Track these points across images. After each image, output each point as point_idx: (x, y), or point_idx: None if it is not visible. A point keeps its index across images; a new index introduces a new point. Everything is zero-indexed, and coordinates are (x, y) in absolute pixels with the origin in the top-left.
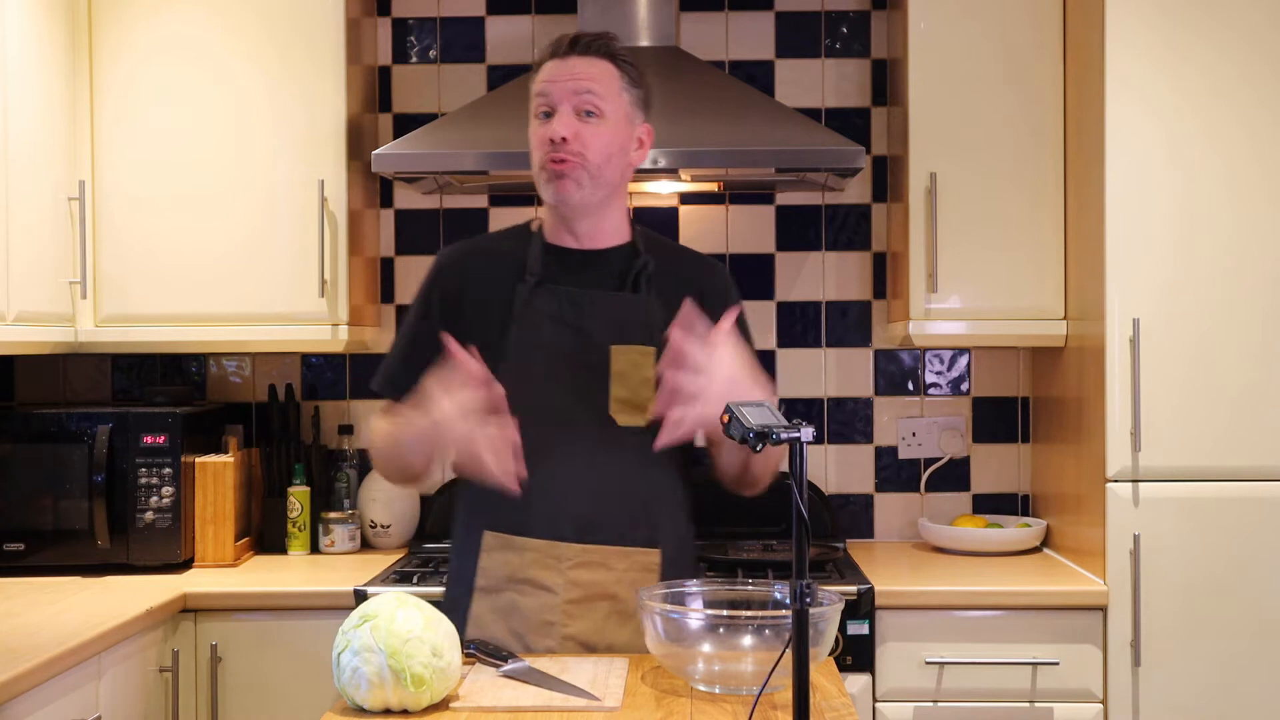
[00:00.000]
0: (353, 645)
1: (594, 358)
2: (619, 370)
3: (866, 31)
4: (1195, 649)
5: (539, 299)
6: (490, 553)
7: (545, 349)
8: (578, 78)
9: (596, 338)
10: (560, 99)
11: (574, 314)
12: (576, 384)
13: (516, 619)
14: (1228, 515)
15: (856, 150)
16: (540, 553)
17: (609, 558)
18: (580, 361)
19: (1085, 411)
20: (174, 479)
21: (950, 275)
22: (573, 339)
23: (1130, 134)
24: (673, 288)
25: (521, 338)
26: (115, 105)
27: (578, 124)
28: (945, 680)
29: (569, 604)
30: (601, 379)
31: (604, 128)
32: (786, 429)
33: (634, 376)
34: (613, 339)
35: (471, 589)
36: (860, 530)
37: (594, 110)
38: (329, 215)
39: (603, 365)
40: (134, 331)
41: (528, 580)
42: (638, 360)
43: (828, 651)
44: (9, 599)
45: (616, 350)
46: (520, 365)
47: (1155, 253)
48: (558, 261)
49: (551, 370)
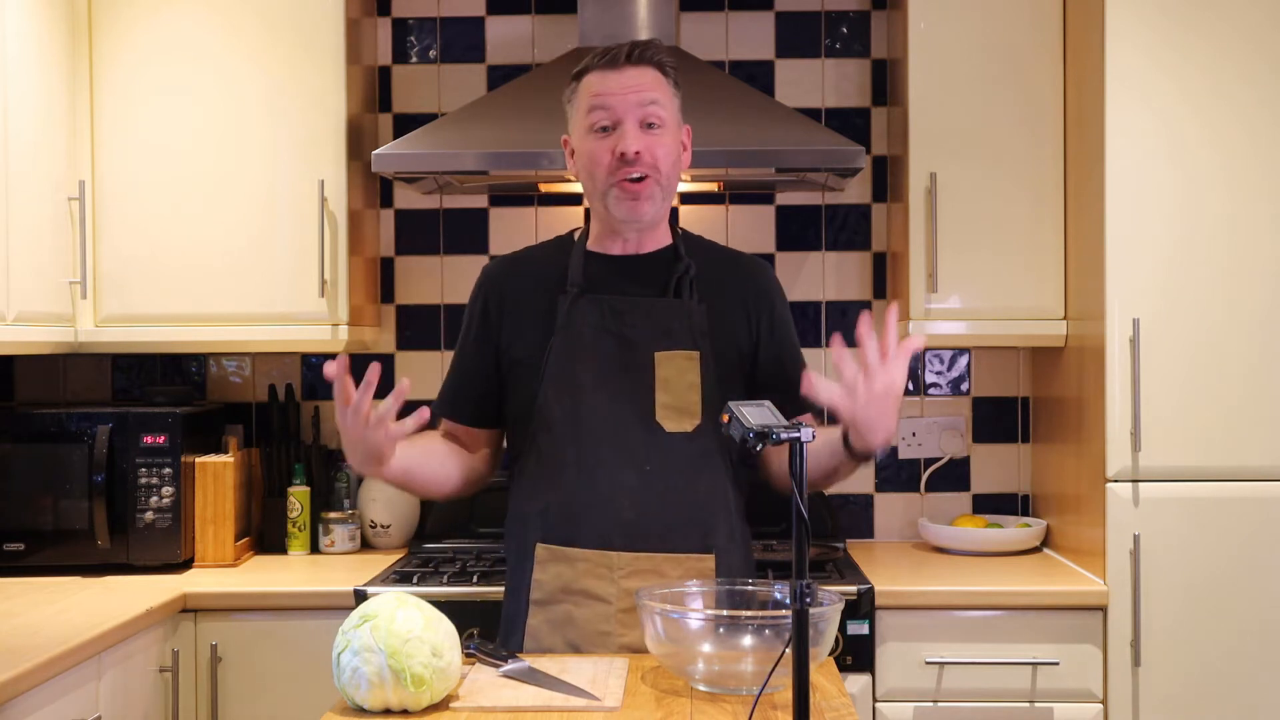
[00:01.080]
0: (353, 645)
1: (639, 365)
2: (664, 376)
3: (866, 31)
4: (1195, 649)
5: (581, 308)
6: (543, 565)
7: (590, 358)
8: (641, 89)
9: (640, 345)
10: (625, 112)
11: (617, 322)
12: (622, 392)
13: (572, 630)
14: (1228, 515)
15: (856, 150)
16: (592, 563)
17: (661, 565)
18: (625, 369)
19: (1085, 411)
20: (174, 479)
21: (950, 275)
22: (617, 347)
23: (1130, 134)
24: (716, 291)
25: (566, 347)
26: (115, 105)
27: (645, 136)
28: (945, 680)
29: (623, 613)
30: (647, 386)
31: (666, 136)
32: (786, 429)
33: (679, 382)
34: (657, 345)
35: (528, 603)
36: (860, 530)
37: (656, 121)
38: (329, 215)
39: (648, 372)
40: (134, 331)
41: (581, 591)
42: (683, 366)
43: (828, 651)
44: (9, 599)
45: (661, 357)
46: (565, 375)
47: (1155, 253)
48: (599, 269)
49: (597, 379)
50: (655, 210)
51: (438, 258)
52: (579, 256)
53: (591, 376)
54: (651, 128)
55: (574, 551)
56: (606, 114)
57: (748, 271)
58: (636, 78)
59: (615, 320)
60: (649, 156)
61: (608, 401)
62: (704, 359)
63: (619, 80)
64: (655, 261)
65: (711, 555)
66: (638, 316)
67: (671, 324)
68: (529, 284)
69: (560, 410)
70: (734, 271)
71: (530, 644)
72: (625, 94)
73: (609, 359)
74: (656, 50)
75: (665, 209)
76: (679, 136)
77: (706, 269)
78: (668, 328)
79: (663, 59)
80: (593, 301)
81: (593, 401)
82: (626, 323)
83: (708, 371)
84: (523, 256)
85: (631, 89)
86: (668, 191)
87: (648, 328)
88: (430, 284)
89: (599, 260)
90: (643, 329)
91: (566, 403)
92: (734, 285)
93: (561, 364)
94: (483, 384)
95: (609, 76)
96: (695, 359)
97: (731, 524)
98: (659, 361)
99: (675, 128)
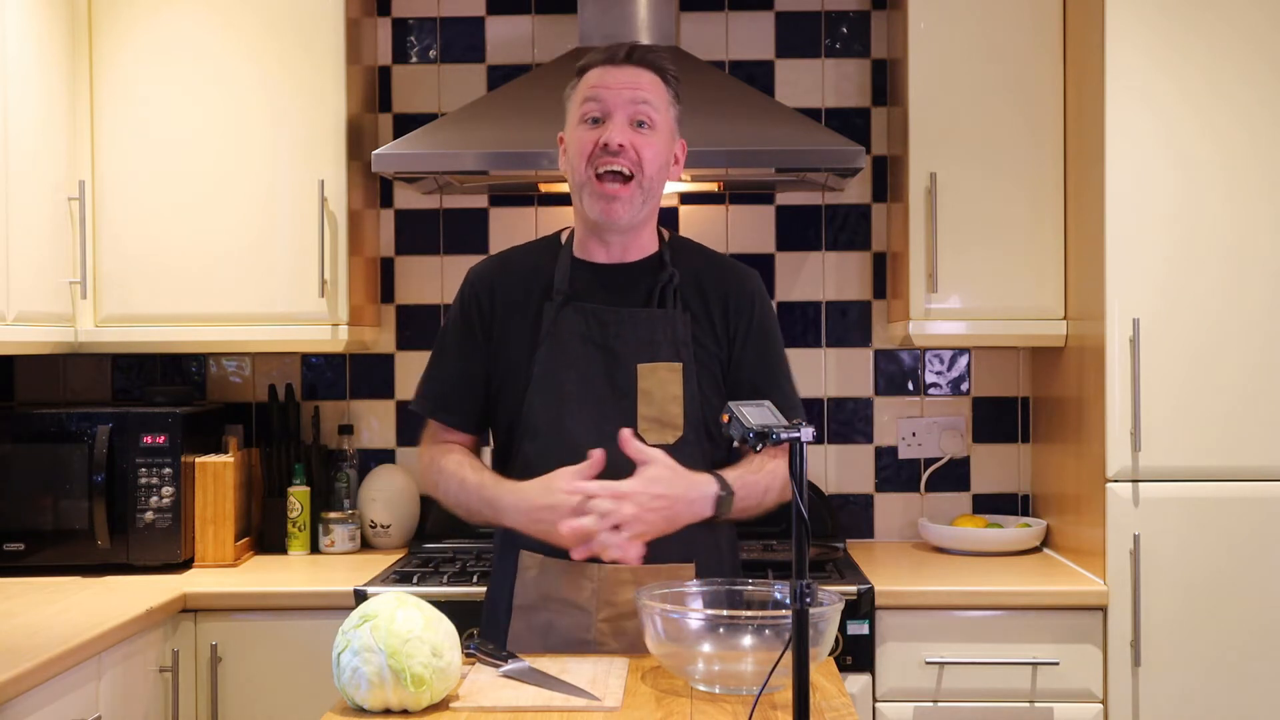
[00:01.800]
0: (353, 645)
1: (622, 376)
2: (646, 388)
3: (866, 31)
4: (1195, 649)
5: (566, 318)
6: (526, 572)
7: (574, 368)
8: (636, 86)
9: (624, 356)
10: (615, 106)
11: (601, 333)
12: (605, 403)
13: (554, 637)
14: (1228, 515)
15: (856, 150)
16: (573, 573)
17: (642, 575)
18: (609, 380)
19: (1085, 411)
20: (174, 479)
21: (950, 275)
22: (601, 357)
23: (1130, 134)
24: (698, 299)
25: (550, 356)
26: (115, 105)
27: (632, 133)
28: (945, 680)
29: (603, 622)
30: (630, 397)
31: (655, 139)
32: (786, 429)
33: (661, 394)
34: (640, 357)
35: (510, 608)
36: (860, 530)
37: (647, 121)
38: (329, 215)
39: (631, 383)
40: (134, 331)
41: (562, 599)
42: (665, 378)
43: (828, 651)
44: (9, 599)
45: (644, 369)
46: (550, 384)
47: (1155, 253)
48: (585, 277)
49: (581, 390)
50: (631, 215)
51: (438, 258)
52: (565, 263)
53: (575, 387)
54: (642, 126)
55: (555, 561)
56: (598, 105)
57: (732, 279)
58: (634, 76)
59: (599, 331)
60: (633, 153)
61: (591, 412)
62: (686, 370)
63: (616, 76)
64: (640, 270)
65: (692, 565)
66: (622, 327)
67: (655, 335)
68: (517, 288)
69: (544, 419)
70: (719, 279)
71: (512, 647)
72: (619, 89)
73: (593, 370)
74: (661, 56)
75: (643, 215)
76: (670, 143)
77: (690, 277)
78: (651, 339)
79: (665, 65)
80: (578, 311)
81: (577, 412)
82: (611, 333)
83: (690, 383)
84: (510, 257)
85: (626, 85)
86: (649, 196)
87: (631, 339)
88: (430, 284)
89: (585, 268)
90: (627, 340)
91: (552, 412)
92: (716, 293)
93: (547, 373)
94: (472, 386)
95: (608, 72)
96: (678, 370)
97: (716, 532)
98: (641, 373)
99: (667, 134)
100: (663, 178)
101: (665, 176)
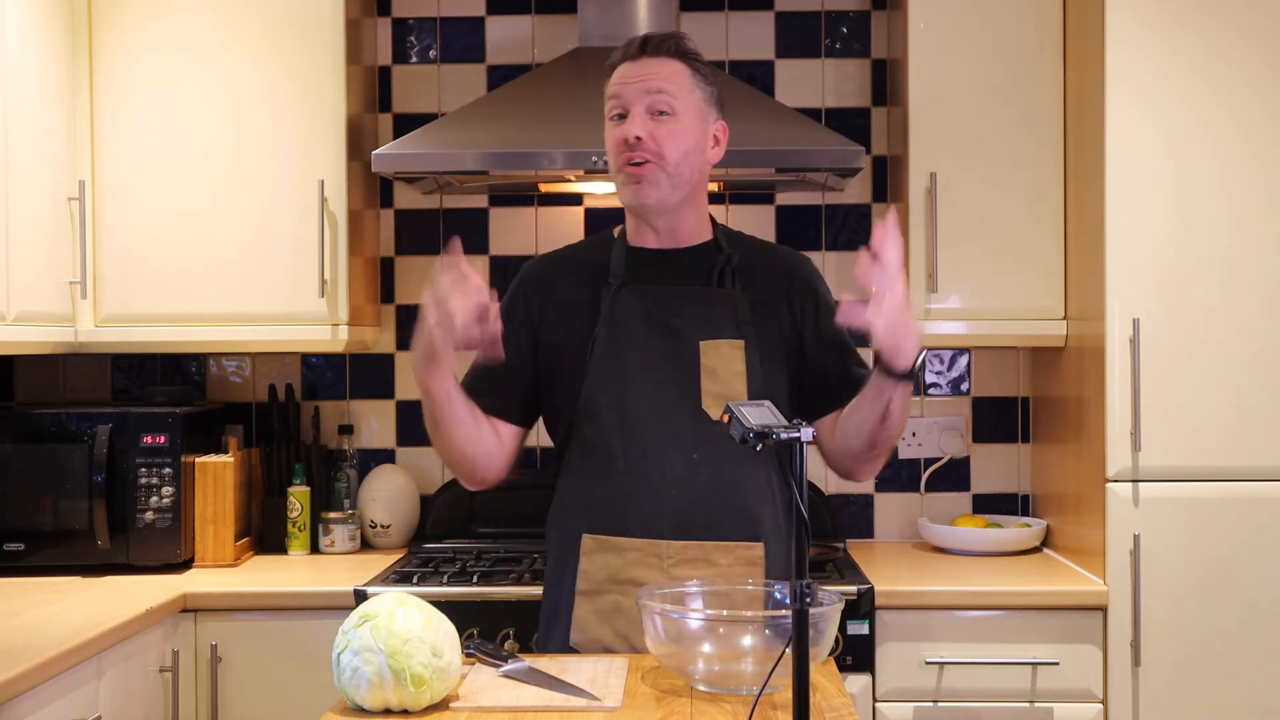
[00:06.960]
0: (353, 645)
1: (684, 354)
2: (710, 365)
3: (866, 31)
4: (1195, 649)
5: (625, 299)
6: (590, 555)
7: (635, 348)
8: (648, 78)
9: (685, 334)
10: (633, 100)
11: (660, 312)
12: (667, 381)
13: (621, 620)
14: (1228, 515)
15: (856, 150)
16: (641, 552)
17: (711, 553)
18: (670, 358)
19: (1085, 411)
20: (174, 479)
21: (950, 275)
22: (662, 336)
23: (1130, 134)
24: (758, 280)
25: (610, 338)
26: (115, 105)
27: (651, 124)
28: (945, 680)
29: None
30: (692, 374)
31: (677, 126)
32: (786, 429)
33: (725, 370)
34: (701, 334)
35: (573, 593)
36: (860, 530)
37: (667, 109)
38: (329, 215)
39: (693, 361)
40: (134, 331)
41: (630, 580)
42: (728, 354)
43: (828, 651)
44: (9, 599)
45: (706, 345)
46: (611, 365)
47: (1155, 253)
48: (641, 262)
49: (642, 368)
50: (660, 197)
51: (438, 258)
52: (620, 250)
53: (637, 366)
54: (662, 115)
55: (622, 541)
56: (618, 103)
57: (789, 262)
58: (649, 67)
59: (659, 310)
60: (651, 143)
61: (653, 390)
62: (749, 347)
63: (632, 70)
64: (696, 254)
65: (760, 544)
66: (682, 306)
67: (715, 313)
68: (571, 279)
69: (605, 400)
70: (774, 262)
71: (577, 635)
72: (634, 82)
73: (654, 348)
74: (677, 41)
75: (676, 197)
76: (698, 126)
77: (748, 259)
78: (711, 316)
79: (685, 48)
80: (636, 292)
81: (638, 391)
82: (671, 312)
83: (752, 359)
84: (563, 254)
85: (641, 78)
86: (675, 179)
87: (692, 317)
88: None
89: (639, 253)
90: (687, 318)
91: (613, 393)
92: (775, 276)
93: (606, 354)
94: (518, 377)
95: (626, 67)
96: (740, 347)
97: (776, 513)
98: (704, 350)
99: (693, 118)
100: (693, 161)
101: (699, 160)
